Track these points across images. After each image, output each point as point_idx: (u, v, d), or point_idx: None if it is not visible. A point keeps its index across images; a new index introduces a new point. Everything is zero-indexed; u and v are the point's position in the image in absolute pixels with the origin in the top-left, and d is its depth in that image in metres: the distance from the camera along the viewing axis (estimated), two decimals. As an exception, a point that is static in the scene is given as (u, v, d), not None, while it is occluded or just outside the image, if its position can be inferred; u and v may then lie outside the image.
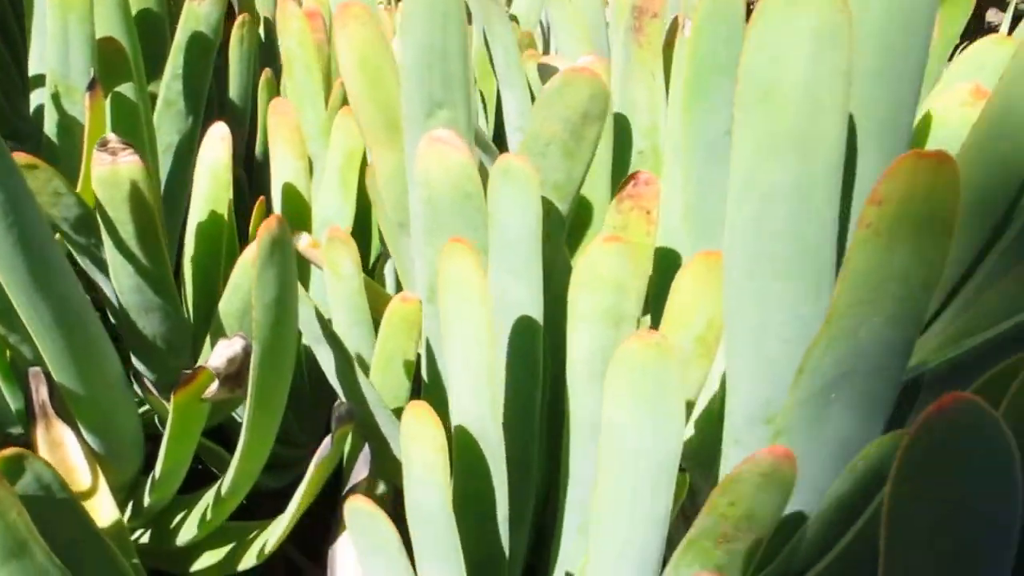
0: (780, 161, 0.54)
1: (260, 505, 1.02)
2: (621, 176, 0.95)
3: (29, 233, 0.62)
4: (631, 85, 0.95)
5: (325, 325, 0.73)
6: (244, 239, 0.95)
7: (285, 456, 1.02)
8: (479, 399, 0.66)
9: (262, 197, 0.94)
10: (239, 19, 1.21)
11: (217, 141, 0.82)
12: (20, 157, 0.74)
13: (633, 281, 0.66)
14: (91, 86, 0.81)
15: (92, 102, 0.81)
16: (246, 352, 0.69)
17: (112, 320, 0.93)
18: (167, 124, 1.00)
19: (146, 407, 0.98)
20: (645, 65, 0.95)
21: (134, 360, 0.93)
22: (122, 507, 0.85)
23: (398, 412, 0.87)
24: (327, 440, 0.66)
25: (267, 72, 1.17)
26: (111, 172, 0.72)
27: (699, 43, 0.74)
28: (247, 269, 0.81)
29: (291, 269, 0.62)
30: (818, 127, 0.52)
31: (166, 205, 1.01)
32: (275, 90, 1.17)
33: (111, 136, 0.72)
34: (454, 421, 0.70)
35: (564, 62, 1.08)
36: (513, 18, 1.54)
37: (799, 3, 0.49)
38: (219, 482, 0.80)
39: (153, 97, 1.03)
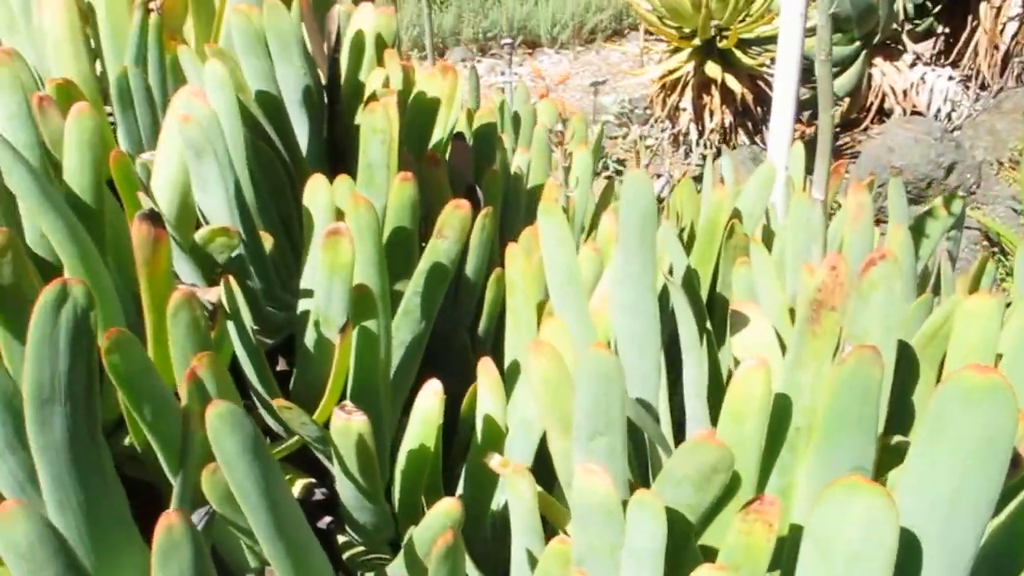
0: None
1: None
2: (776, 449, 1.08)
3: (280, 506, 0.83)
4: (798, 372, 1.06)
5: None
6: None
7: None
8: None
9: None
10: (484, 211, 1.41)
11: (431, 395, 1.01)
12: (279, 402, 0.96)
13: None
14: (343, 328, 1.03)
15: (342, 341, 1.02)
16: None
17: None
18: (404, 327, 1.21)
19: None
20: (816, 355, 1.06)
21: (347, 527, 1.15)
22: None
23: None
24: None
25: (498, 271, 1.37)
26: (345, 426, 0.93)
27: (837, 401, 0.87)
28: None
29: (460, 561, 0.80)
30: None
31: (394, 383, 1.21)
32: (502, 286, 1.35)
33: (347, 404, 0.93)
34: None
35: (754, 310, 1.20)
36: (736, 213, 1.67)
37: (857, 495, 0.63)
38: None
39: (399, 294, 1.24)
